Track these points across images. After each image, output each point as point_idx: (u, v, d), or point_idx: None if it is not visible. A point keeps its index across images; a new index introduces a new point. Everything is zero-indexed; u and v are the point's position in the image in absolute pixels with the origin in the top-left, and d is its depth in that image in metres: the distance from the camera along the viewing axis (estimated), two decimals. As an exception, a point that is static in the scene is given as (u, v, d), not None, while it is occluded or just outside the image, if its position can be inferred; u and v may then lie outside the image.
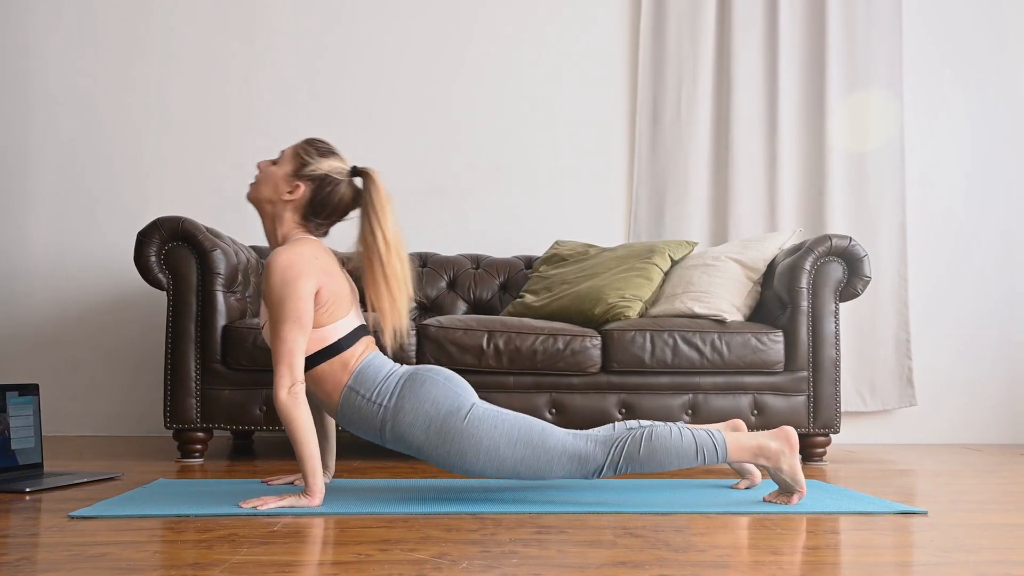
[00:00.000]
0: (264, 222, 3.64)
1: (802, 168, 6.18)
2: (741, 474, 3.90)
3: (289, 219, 3.57)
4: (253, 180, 3.63)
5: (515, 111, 6.21)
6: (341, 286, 3.49)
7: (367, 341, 3.56)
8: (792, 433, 3.47)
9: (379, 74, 6.17)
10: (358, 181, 3.64)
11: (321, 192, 3.55)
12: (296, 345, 3.34)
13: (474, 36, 6.23)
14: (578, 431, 3.46)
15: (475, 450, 3.36)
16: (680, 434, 3.40)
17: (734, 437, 3.45)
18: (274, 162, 3.60)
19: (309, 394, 3.53)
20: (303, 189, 3.53)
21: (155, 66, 6.08)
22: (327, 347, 3.45)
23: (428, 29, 6.20)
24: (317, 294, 3.40)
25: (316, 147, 3.60)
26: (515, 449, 3.36)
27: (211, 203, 5.96)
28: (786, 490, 3.49)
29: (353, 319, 3.53)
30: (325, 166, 3.56)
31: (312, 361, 3.44)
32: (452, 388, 3.45)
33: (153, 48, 6.08)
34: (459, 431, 3.36)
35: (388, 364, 3.53)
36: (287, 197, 3.54)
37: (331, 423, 3.85)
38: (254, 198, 3.62)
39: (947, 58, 6.39)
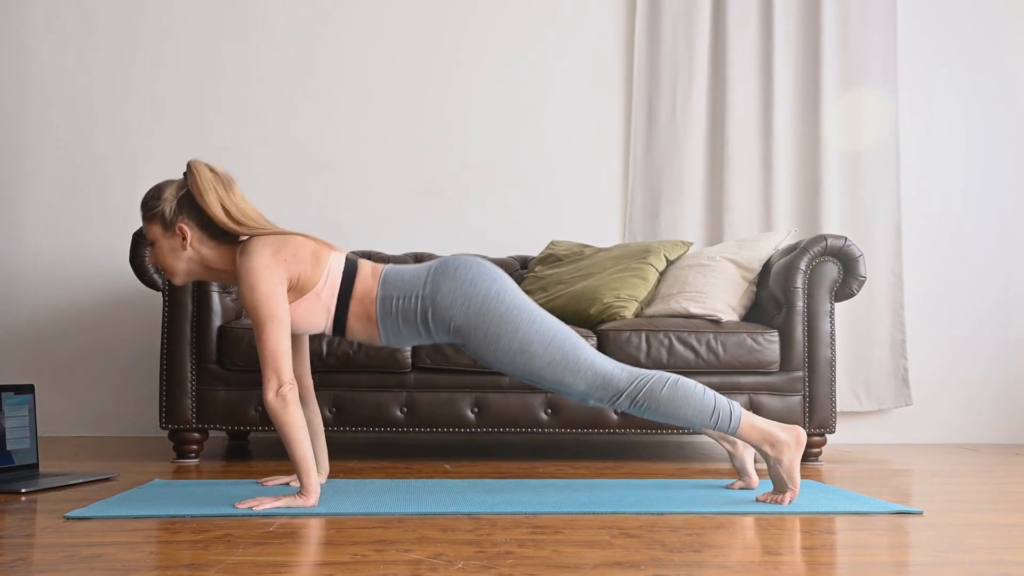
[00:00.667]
0: (212, 279, 3.68)
1: (797, 167, 6.18)
2: (740, 475, 3.90)
3: (212, 253, 3.57)
4: (167, 274, 3.63)
5: (511, 111, 6.21)
6: (302, 245, 3.49)
7: (369, 263, 3.61)
8: (802, 433, 3.52)
9: (374, 74, 6.17)
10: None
11: (193, 214, 3.54)
12: (278, 346, 3.34)
13: (469, 35, 6.23)
14: (609, 357, 3.56)
15: (509, 339, 3.45)
16: (703, 391, 3.50)
17: (749, 415, 3.51)
18: (153, 247, 3.58)
19: (302, 393, 3.55)
20: (185, 228, 3.52)
21: (149, 66, 6.08)
22: (340, 291, 3.50)
23: (423, 29, 6.20)
24: (290, 279, 3.43)
25: (147, 201, 3.58)
26: (547, 350, 3.45)
27: (206, 203, 5.96)
28: (779, 488, 3.50)
29: (338, 257, 3.55)
30: (167, 198, 3.55)
31: (341, 308, 3.51)
32: (488, 272, 3.54)
33: (147, 49, 6.08)
34: (498, 315, 3.46)
35: (409, 266, 3.60)
36: (189, 246, 3.54)
37: (319, 423, 3.86)
38: (181, 277, 3.63)
39: (942, 56, 6.39)
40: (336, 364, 4.67)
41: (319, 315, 3.52)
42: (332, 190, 6.09)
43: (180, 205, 3.53)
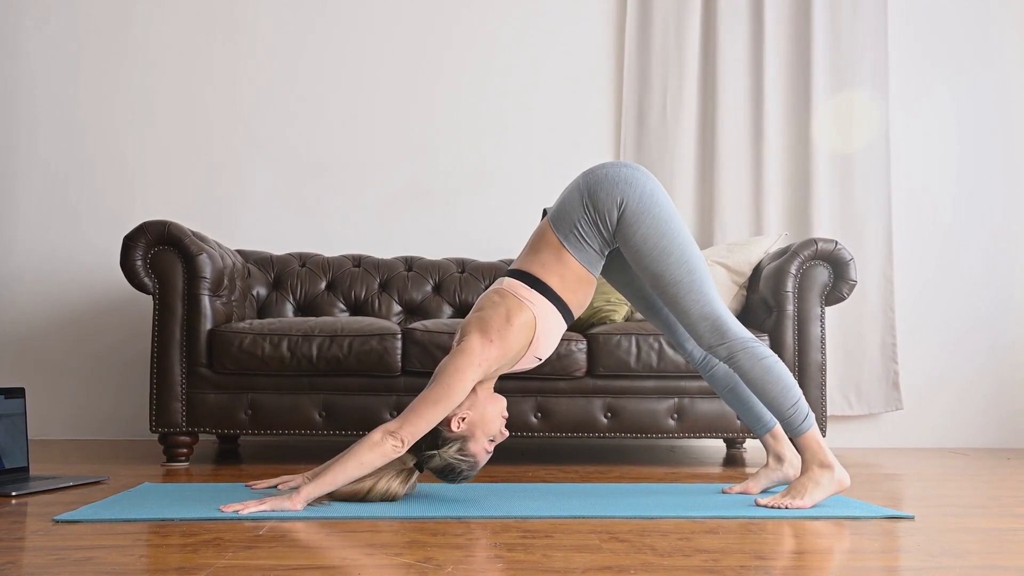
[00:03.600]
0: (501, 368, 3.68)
1: (788, 170, 6.18)
2: (774, 460, 3.89)
3: (464, 404, 3.57)
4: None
5: (500, 114, 6.21)
6: (518, 332, 3.57)
7: (522, 259, 3.70)
8: (846, 479, 3.59)
9: (363, 78, 6.17)
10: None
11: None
12: (426, 413, 3.38)
13: (458, 38, 6.23)
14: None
15: (655, 239, 3.55)
16: (794, 382, 3.59)
17: (818, 431, 3.60)
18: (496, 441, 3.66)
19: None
20: (458, 421, 3.54)
21: (138, 70, 6.08)
22: (559, 308, 3.64)
23: (412, 33, 6.20)
24: (507, 365, 3.61)
25: (444, 468, 3.61)
26: (679, 269, 3.55)
27: (196, 207, 5.97)
28: (796, 493, 3.51)
29: (531, 292, 3.62)
30: (440, 451, 3.58)
31: (557, 302, 3.62)
32: (641, 172, 3.67)
33: (136, 52, 6.08)
34: (651, 216, 3.56)
35: (559, 198, 3.72)
36: (463, 426, 3.55)
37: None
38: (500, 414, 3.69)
39: (933, 57, 6.40)
40: (326, 368, 4.66)
41: (556, 325, 3.64)
42: (322, 194, 6.09)
43: (439, 447, 3.56)
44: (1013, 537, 3.09)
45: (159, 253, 4.65)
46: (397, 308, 5.59)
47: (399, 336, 4.73)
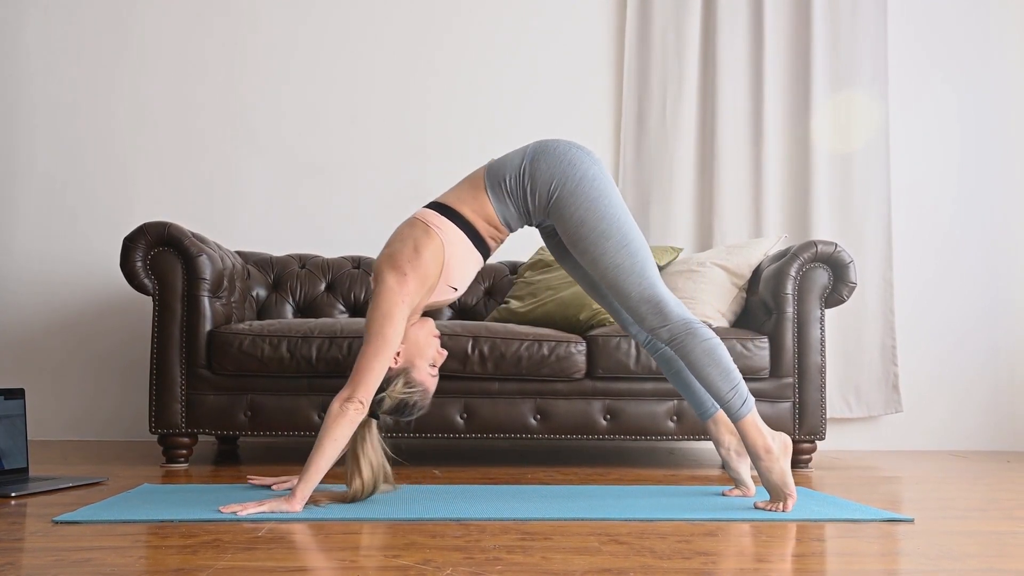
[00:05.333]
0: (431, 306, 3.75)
1: (787, 171, 6.18)
2: (736, 484, 3.91)
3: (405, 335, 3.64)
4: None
5: (498, 114, 6.21)
6: (429, 260, 3.57)
7: (451, 192, 3.72)
8: (788, 440, 3.61)
9: (361, 78, 6.17)
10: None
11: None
12: (371, 365, 3.40)
13: (456, 39, 6.23)
14: None
15: (592, 224, 3.54)
16: (734, 366, 3.58)
17: (757, 416, 3.58)
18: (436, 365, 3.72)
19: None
20: (398, 355, 3.62)
21: (135, 71, 6.08)
22: (470, 238, 3.63)
23: (410, 34, 6.20)
24: (424, 281, 3.57)
25: (399, 405, 3.66)
26: (619, 253, 3.54)
27: (195, 208, 5.97)
28: (776, 496, 3.51)
29: (429, 212, 3.64)
30: (389, 392, 3.61)
31: (472, 234, 3.62)
32: (587, 155, 3.64)
33: (133, 52, 6.08)
34: (589, 199, 3.55)
35: (509, 152, 3.74)
36: (400, 360, 3.64)
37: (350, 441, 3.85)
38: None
39: (933, 57, 6.40)
40: (326, 369, 4.66)
41: (467, 255, 3.63)
42: (321, 195, 6.09)
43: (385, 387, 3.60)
44: (1013, 540, 3.09)
45: (159, 254, 4.65)
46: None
47: (399, 338, 4.73)
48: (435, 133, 6.18)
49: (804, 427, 4.91)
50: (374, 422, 3.56)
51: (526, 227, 3.85)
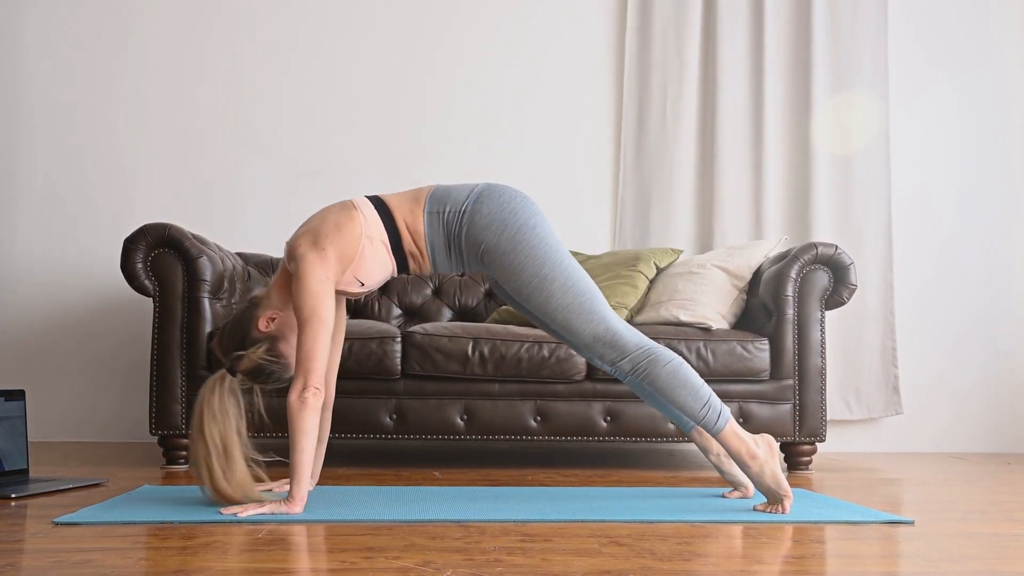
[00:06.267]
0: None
1: (788, 173, 6.18)
2: (735, 485, 3.90)
3: (282, 296, 3.62)
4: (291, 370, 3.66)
5: (498, 115, 6.20)
6: (344, 234, 3.52)
7: (395, 196, 3.67)
8: (772, 440, 3.58)
9: (361, 81, 6.17)
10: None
11: (243, 328, 3.62)
12: (313, 349, 3.37)
13: (457, 41, 6.23)
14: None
15: (533, 270, 3.51)
16: (702, 383, 3.56)
17: (735, 423, 3.56)
18: (278, 360, 3.65)
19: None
20: (270, 317, 3.60)
21: (135, 72, 6.07)
22: (384, 225, 3.58)
23: (410, 36, 6.20)
24: (340, 258, 3.49)
25: (253, 368, 3.62)
26: (565, 293, 3.51)
27: (195, 210, 5.96)
28: (773, 499, 3.50)
29: (363, 201, 3.61)
30: (250, 352, 3.60)
31: (394, 240, 3.58)
32: (530, 206, 3.61)
33: (133, 53, 6.07)
34: (529, 246, 3.52)
35: (457, 184, 3.70)
36: (279, 318, 3.61)
37: (326, 431, 3.87)
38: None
39: (934, 59, 6.39)
40: (326, 370, 4.66)
41: (382, 254, 3.57)
42: (321, 196, 6.03)
43: (247, 345, 3.60)
44: (1013, 542, 3.09)
45: (159, 255, 4.65)
46: (397, 311, 5.59)
47: (399, 339, 4.73)
48: (435, 134, 6.18)
49: (804, 429, 4.91)
50: (229, 379, 3.53)
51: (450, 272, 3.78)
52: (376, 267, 3.59)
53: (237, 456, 3.43)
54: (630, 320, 5.13)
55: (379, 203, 3.60)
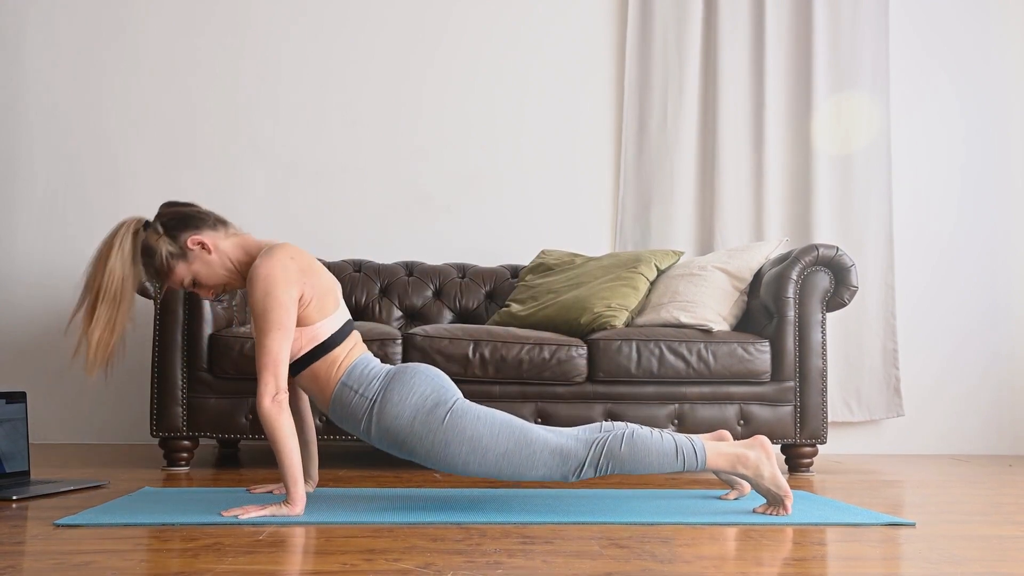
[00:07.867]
0: (232, 283, 3.64)
1: (788, 175, 6.18)
2: (730, 485, 3.90)
3: (229, 249, 3.59)
4: (207, 293, 3.67)
5: (499, 118, 6.20)
6: (324, 282, 3.50)
7: (356, 337, 3.60)
8: (766, 441, 3.53)
9: (364, 82, 6.17)
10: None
11: (191, 226, 3.58)
12: (280, 354, 3.34)
13: (460, 44, 6.23)
14: (559, 428, 3.51)
15: (459, 440, 3.39)
16: (660, 436, 3.45)
17: (713, 445, 3.50)
18: (196, 285, 3.64)
19: (291, 401, 3.58)
20: (198, 239, 3.56)
21: (133, 73, 6.07)
22: (319, 345, 3.47)
23: (414, 37, 6.20)
24: (301, 297, 3.40)
25: (149, 261, 3.64)
26: (497, 441, 3.39)
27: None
28: (774, 500, 3.50)
29: (341, 315, 3.56)
30: (155, 242, 3.62)
31: (306, 360, 3.47)
32: (439, 382, 3.51)
33: (130, 55, 6.07)
34: (444, 422, 3.40)
35: (376, 361, 3.57)
36: (214, 251, 3.56)
37: (312, 432, 3.86)
38: (217, 288, 3.67)
39: (935, 59, 6.40)
40: (327, 372, 4.66)
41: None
42: (322, 199, 6.08)
43: (171, 232, 3.57)
44: (1015, 544, 3.09)
45: (160, 257, 4.65)
46: (398, 313, 5.59)
47: (400, 341, 4.73)
48: (434, 136, 6.17)
49: (805, 431, 4.91)
50: (144, 235, 3.61)
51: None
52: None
53: (121, 316, 3.63)
54: (630, 322, 5.12)
55: (349, 328, 3.59)
